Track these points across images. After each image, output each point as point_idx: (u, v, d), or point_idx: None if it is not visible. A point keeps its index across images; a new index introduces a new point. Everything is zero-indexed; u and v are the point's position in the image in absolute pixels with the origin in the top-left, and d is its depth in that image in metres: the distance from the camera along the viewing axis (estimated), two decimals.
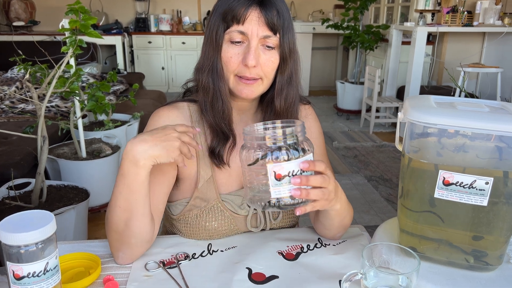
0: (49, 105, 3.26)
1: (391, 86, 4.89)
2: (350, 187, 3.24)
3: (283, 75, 0.92)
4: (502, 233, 0.81)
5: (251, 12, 0.86)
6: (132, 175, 0.80)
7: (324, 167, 0.74)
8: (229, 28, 0.87)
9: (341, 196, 0.86)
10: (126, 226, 0.83)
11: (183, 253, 0.92)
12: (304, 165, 0.70)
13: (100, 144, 2.64)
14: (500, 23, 4.47)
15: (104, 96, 2.51)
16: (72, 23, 1.93)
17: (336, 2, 6.13)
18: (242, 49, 0.88)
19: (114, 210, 0.83)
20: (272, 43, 0.88)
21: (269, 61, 0.89)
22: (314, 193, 0.72)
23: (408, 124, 0.82)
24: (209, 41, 0.91)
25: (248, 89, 0.90)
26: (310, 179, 0.71)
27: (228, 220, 0.97)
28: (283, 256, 0.91)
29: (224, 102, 0.92)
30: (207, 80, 0.91)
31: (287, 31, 0.89)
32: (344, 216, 0.92)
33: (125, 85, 4.35)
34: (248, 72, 0.88)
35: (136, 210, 0.83)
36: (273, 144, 0.69)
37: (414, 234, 0.88)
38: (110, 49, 5.79)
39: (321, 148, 1.06)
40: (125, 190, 0.81)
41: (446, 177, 0.78)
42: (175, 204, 0.99)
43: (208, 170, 0.96)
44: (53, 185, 2.15)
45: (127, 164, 0.79)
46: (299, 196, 0.70)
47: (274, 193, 0.70)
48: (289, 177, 0.69)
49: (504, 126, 0.73)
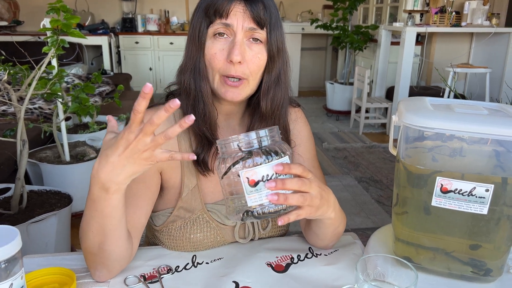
0: (32, 107, 3.17)
1: (380, 86, 4.88)
2: (340, 188, 3.20)
3: (270, 75, 0.86)
4: (502, 243, 0.77)
5: (235, 5, 0.80)
6: (103, 201, 0.70)
7: (302, 169, 0.67)
8: (213, 23, 0.82)
9: (335, 204, 0.80)
10: (100, 249, 0.76)
11: (165, 266, 0.86)
12: (278, 168, 0.64)
13: (84, 147, 2.57)
14: (488, 23, 4.48)
15: (88, 98, 2.44)
16: (53, 23, 1.86)
17: (325, 3, 6.10)
18: (227, 44, 0.82)
19: (86, 234, 0.76)
20: (259, 36, 0.82)
21: (255, 57, 0.83)
22: (293, 198, 0.66)
23: (403, 127, 0.77)
24: (192, 39, 0.85)
25: (233, 91, 0.84)
26: (286, 182, 0.64)
27: (214, 232, 0.91)
28: (272, 268, 0.86)
29: (206, 104, 0.86)
30: (188, 81, 0.85)
31: (275, 28, 0.84)
32: (338, 224, 0.87)
33: (112, 86, 4.27)
34: (233, 70, 0.81)
35: (111, 234, 0.75)
36: (244, 150, 0.65)
37: (410, 243, 0.84)
38: (96, 49, 5.69)
39: (311, 152, 1.01)
40: (97, 215, 0.72)
41: (444, 184, 0.73)
42: (157, 214, 0.93)
43: (193, 179, 0.90)
44: (34, 190, 2.08)
45: (97, 190, 0.69)
46: (276, 201, 0.64)
47: (250, 201, 0.65)
48: (264, 182, 0.64)
49: (507, 130, 0.69)
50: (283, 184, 0.64)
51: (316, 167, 1.01)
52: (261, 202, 0.65)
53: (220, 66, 0.82)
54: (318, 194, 0.71)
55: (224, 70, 0.83)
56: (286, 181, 0.65)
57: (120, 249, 0.78)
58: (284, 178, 0.65)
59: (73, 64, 4.83)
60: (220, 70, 0.83)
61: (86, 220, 0.74)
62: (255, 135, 0.65)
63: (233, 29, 0.81)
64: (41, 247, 1.84)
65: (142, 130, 0.62)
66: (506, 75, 4.38)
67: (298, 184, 0.66)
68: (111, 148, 0.65)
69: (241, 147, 0.65)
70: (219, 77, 0.84)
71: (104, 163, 0.66)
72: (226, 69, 0.82)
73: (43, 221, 1.81)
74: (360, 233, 2.58)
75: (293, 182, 0.66)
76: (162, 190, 0.91)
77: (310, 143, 1.02)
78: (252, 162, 0.64)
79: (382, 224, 2.68)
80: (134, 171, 0.66)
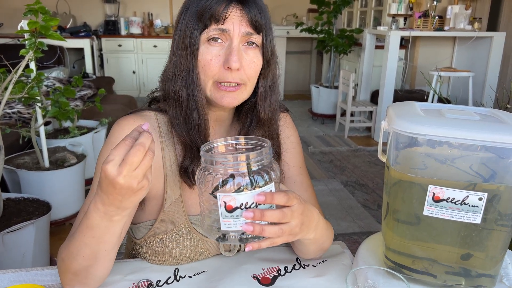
0: (10, 111, 3.07)
1: (365, 90, 4.89)
2: (326, 193, 3.18)
3: (266, 80, 0.83)
4: (495, 252, 0.75)
5: (232, 10, 0.76)
6: (104, 228, 0.68)
7: (286, 199, 0.63)
8: (207, 28, 0.77)
9: (318, 224, 0.76)
10: (87, 272, 0.73)
11: (146, 281, 0.82)
12: (260, 198, 0.60)
13: (64, 153, 2.49)
14: (470, 27, 4.54)
15: (68, 102, 2.37)
16: (31, 25, 1.79)
17: (309, 6, 6.11)
18: (222, 49, 0.78)
19: (75, 258, 0.72)
20: (255, 40, 0.79)
21: (252, 62, 0.79)
22: (269, 231, 0.62)
23: (393, 133, 0.75)
24: (182, 45, 0.79)
25: (229, 96, 0.79)
26: (266, 214, 0.60)
27: (198, 245, 0.87)
28: (258, 281, 0.82)
29: (201, 115, 0.81)
30: (180, 91, 0.80)
31: (269, 31, 0.80)
32: (322, 242, 0.84)
33: (94, 90, 4.18)
34: (230, 76, 0.77)
35: (103, 258, 0.72)
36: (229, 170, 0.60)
37: (401, 253, 0.81)
38: (78, 52, 5.59)
39: (298, 159, 0.98)
40: (93, 242, 0.69)
41: (436, 192, 0.71)
42: (138, 226, 0.88)
43: (176, 189, 0.85)
44: (11, 198, 2.00)
45: (98, 219, 0.67)
46: (251, 232, 0.60)
47: (224, 225, 0.60)
48: (242, 210, 0.60)
49: (500, 136, 0.66)
50: (262, 215, 0.60)
51: (303, 174, 0.98)
52: (235, 229, 0.61)
53: (215, 73, 0.78)
54: (299, 223, 0.67)
55: (219, 77, 0.78)
56: (266, 212, 0.61)
57: (106, 270, 0.76)
58: (264, 209, 0.61)
59: (54, 67, 4.72)
60: (215, 76, 0.78)
61: (77, 246, 0.71)
62: (245, 159, 0.60)
63: (229, 34, 0.77)
64: (18, 258, 1.77)
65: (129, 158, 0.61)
66: (488, 79, 4.44)
67: (279, 217, 0.63)
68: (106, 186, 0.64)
69: (226, 169, 0.60)
70: (212, 83, 0.79)
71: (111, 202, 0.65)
72: (222, 75, 0.78)
73: (20, 230, 1.75)
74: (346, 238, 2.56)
75: (274, 215, 0.62)
76: (143, 201, 0.86)
77: (298, 149, 0.99)
78: (233, 185, 0.59)
79: (368, 228, 2.67)
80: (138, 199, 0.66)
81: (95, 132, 2.80)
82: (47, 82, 3.92)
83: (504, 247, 0.75)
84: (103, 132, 2.90)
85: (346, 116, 4.59)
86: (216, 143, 0.67)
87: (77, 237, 0.70)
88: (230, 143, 0.68)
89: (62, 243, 0.77)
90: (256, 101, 0.85)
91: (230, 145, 0.68)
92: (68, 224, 2.44)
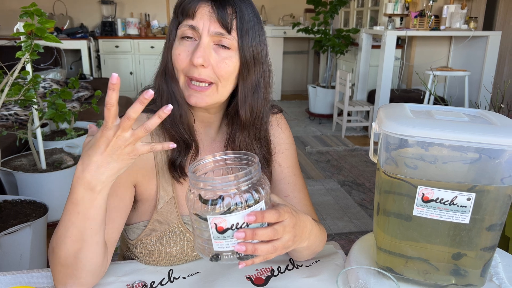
0: (6, 113, 3.08)
1: (362, 90, 4.91)
2: (323, 192, 3.20)
3: (245, 82, 0.83)
4: (485, 251, 0.76)
5: (201, 6, 0.78)
6: (88, 201, 0.68)
7: (277, 216, 0.63)
8: (181, 23, 0.80)
9: (311, 233, 0.76)
10: (76, 259, 0.72)
11: (140, 282, 0.83)
12: (250, 219, 0.60)
13: (61, 155, 2.50)
14: (466, 27, 4.55)
15: (64, 104, 2.37)
16: (27, 27, 1.80)
17: (306, 6, 6.12)
18: (192, 46, 0.79)
19: (62, 241, 0.71)
20: (227, 43, 0.79)
21: (222, 62, 0.79)
22: (262, 249, 0.62)
23: (383, 135, 0.76)
24: (166, 42, 0.84)
25: (197, 96, 0.80)
26: (257, 234, 0.61)
27: (191, 245, 0.88)
28: (251, 282, 0.83)
29: (180, 105, 0.82)
30: (160, 83, 0.83)
31: (248, 35, 0.80)
32: (315, 247, 0.84)
33: (91, 91, 4.19)
34: (197, 72, 0.78)
35: (91, 239, 0.72)
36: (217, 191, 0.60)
37: (392, 252, 0.82)
38: (75, 54, 5.59)
39: (291, 160, 0.98)
40: (79, 219, 0.69)
41: (425, 193, 0.72)
42: (131, 227, 0.89)
43: (169, 189, 0.86)
44: (8, 200, 2.01)
45: (81, 191, 0.67)
46: (244, 252, 0.61)
47: (216, 246, 0.61)
48: (233, 231, 0.60)
49: (488, 138, 0.67)
50: (253, 235, 0.61)
51: (296, 175, 0.98)
52: (228, 249, 0.61)
53: (183, 67, 0.80)
54: (291, 236, 0.67)
55: (187, 71, 0.80)
56: (257, 231, 0.61)
57: (96, 258, 0.74)
58: (255, 228, 0.61)
59: (51, 69, 4.72)
60: (183, 70, 0.80)
61: (64, 226, 0.71)
62: (233, 181, 0.60)
63: (198, 32, 0.78)
64: (15, 260, 1.78)
65: (120, 126, 0.63)
66: (484, 78, 4.45)
67: (270, 235, 0.63)
68: (92, 148, 0.65)
69: (216, 191, 0.60)
70: (184, 79, 0.81)
71: (88, 163, 0.66)
72: (189, 70, 0.79)
73: (17, 232, 1.75)
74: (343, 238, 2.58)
75: (265, 234, 0.62)
76: (136, 202, 0.87)
77: (290, 150, 0.99)
78: (222, 207, 0.59)
79: (365, 228, 2.69)
80: (118, 168, 0.67)
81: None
82: (44, 84, 3.92)
83: (493, 246, 0.76)
84: None
85: (343, 116, 4.60)
86: (203, 161, 0.67)
87: (64, 218, 0.71)
88: (219, 158, 0.68)
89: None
90: (236, 105, 0.85)
91: (219, 160, 0.68)
92: None
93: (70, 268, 0.73)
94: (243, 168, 0.66)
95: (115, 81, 0.60)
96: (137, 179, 0.84)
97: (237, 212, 0.60)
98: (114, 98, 0.62)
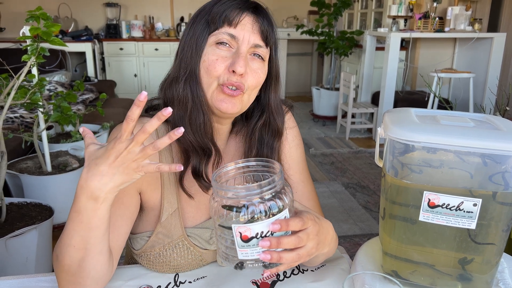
0: (12, 116, 3.10)
1: (366, 91, 4.90)
2: (327, 195, 3.19)
3: (276, 95, 0.86)
4: (491, 257, 0.76)
5: (245, 16, 0.78)
6: (90, 211, 0.68)
7: (301, 224, 0.63)
8: (217, 30, 0.77)
9: (332, 239, 0.76)
10: (79, 267, 0.72)
11: (146, 286, 0.83)
12: (275, 227, 0.60)
13: (66, 157, 2.51)
14: (470, 28, 4.54)
15: (69, 106, 2.39)
16: (33, 31, 1.81)
17: (310, 8, 6.12)
18: (229, 53, 0.78)
19: (66, 249, 0.71)
20: (262, 54, 0.80)
21: (256, 72, 0.79)
22: (287, 257, 0.62)
23: (388, 141, 0.76)
24: (187, 48, 0.80)
25: (229, 101, 0.78)
26: (282, 242, 0.61)
27: (196, 257, 0.87)
28: (257, 286, 0.83)
29: (206, 114, 0.80)
30: (184, 91, 0.79)
31: (277, 48, 0.82)
32: (331, 253, 0.84)
33: (96, 94, 4.20)
34: (234, 78, 0.77)
35: (94, 248, 0.71)
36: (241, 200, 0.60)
37: (398, 257, 0.82)
38: (80, 56, 5.61)
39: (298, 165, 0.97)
40: (82, 228, 0.69)
41: (431, 198, 0.72)
42: (136, 237, 0.88)
43: (173, 201, 0.85)
44: (14, 202, 2.02)
45: (84, 201, 0.67)
46: (269, 260, 0.61)
47: (241, 254, 0.61)
48: (258, 239, 0.60)
49: (494, 143, 0.67)
50: (278, 243, 0.61)
51: (305, 181, 0.97)
52: (252, 258, 0.61)
53: (219, 74, 0.78)
54: (315, 244, 0.67)
55: (223, 79, 0.78)
56: (282, 240, 0.61)
57: (100, 266, 0.74)
58: (280, 236, 0.61)
59: (56, 71, 4.74)
60: (219, 77, 0.78)
61: (68, 234, 0.71)
62: (257, 190, 0.60)
63: (238, 42, 0.78)
64: (21, 262, 1.79)
65: (134, 139, 0.63)
66: (489, 80, 4.44)
67: (295, 243, 0.63)
68: (101, 158, 0.65)
69: (239, 200, 0.60)
70: (217, 86, 0.79)
71: (94, 172, 0.65)
72: (226, 78, 0.77)
73: (23, 235, 1.76)
74: (348, 240, 2.57)
75: (290, 242, 0.62)
76: (142, 210, 0.86)
77: (297, 153, 0.98)
78: (247, 215, 0.59)
79: (369, 230, 2.68)
80: (122, 181, 0.66)
81: (97, 136, 2.82)
82: (49, 86, 3.94)
83: (499, 251, 0.76)
84: (105, 136, 2.92)
85: (347, 118, 4.60)
86: (225, 168, 0.67)
87: (68, 227, 0.71)
88: (241, 166, 0.68)
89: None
90: (269, 115, 0.86)
91: (241, 167, 0.68)
92: None
93: (74, 276, 0.73)
94: (265, 175, 0.66)
95: (143, 98, 0.60)
96: (142, 186, 0.83)
97: (261, 220, 0.60)
98: (137, 114, 0.62)
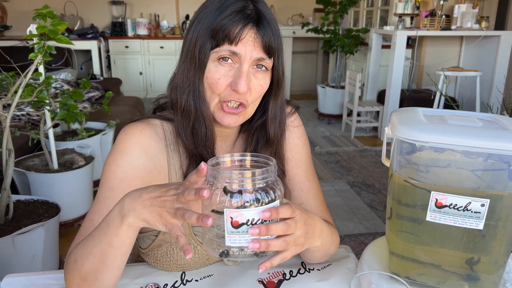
0: (19, 113, 3.12)
1: (372, 90, 4.88)
2: (333, 193, 3.19)
3: (276, 101, 0.84)
4: (498, 257, 0.75)
5: (247, 33, 0.76)
6: (114, 227, 0.68)
7: (290, 211, 0.64)
8: (219, 47, 0.76)
9: (322, 231, 0.76)
10: (95, 279, 0.73)
11: (153, 284, 0.83)
12: (265, 215, 0.60)
13: (73, 155, 2.53)
14: (477, 26, 4.51)
15: (76, 104, 2.40)
16: (39, 29, 1.82)
17: (315, 6, 6.10)
18: (232, 70, 0.77)
19: (87, 257, 0.72)
20: (266, 65, 0.79)
21: (258, 85, 0.79)
22: (275, 244, 0.63)
23: (396, 140, 0.76)
24: (190, 57, 0.79)
25: (231, 118, 0.80)
26: (271, 229, 0.61)
27: (203, 256, 0.88)
28: (263, 285, 0.84)
29: (208, 129, 0.81)
30: (187, 103, 0.80)
31: (281, 53, 0.81)
32: (328, 247, 0.84)
33: (101, 92, 4.22)
34: (236, 96, 0.78)
35: (112, 264, 0.72)
36: (235, 185, 0.61)
37: (405, 257, 0.82)
38: (85, 54, 5.63)
39: (304, 164, 0.97)
40: (105, 241, 0.69)
41: (438, 199, 0.72)
42: (143, 236, 0.88)
43: None
44: (21, 200, 2.03)
45: (116, 212, 0.68)
46: (258, 249, 0.61)
47: (229, 241, 0.61)
48: (248, 226, 0.60)
49: (502, 144, 0.67)
50: (267, 230, 0.61)
51: (310, 180, 0.97)
52: (239, 245, 0.61)
53: (221, 92, 0.78)
54: (303, 232, 0.68)
55: (224, 96, 0.78)
56: (271, 226, 0.62)
57: (115, 279, 0.75)
58: (269, 223, 0.62)
59: (62, 69, 4.76)
60: (221, 95, 0.79)
61: (92, 242, 0.71)
62: (250, 176, 0.61)
63: (240, 58, 0.77)
64: (28, 259, 1.80)
65: (179, 196, 0.61)
66: (496, 79, 4.41)
67: (283, 229, 0.63)
68: (153, 187, 0.66)
69: (232, 184, 0.61)
70: (218, 102, 0.80)
71: (138, 193, 0.66)
72: (227, 95, 0.78)
73: (30, 232, 1.77)
74: (353, 239, 2.57)
75: (278, 228, 0.63)
76: None
77: (303, 153, 0.97)
78: (240, 201, 0.60)
79: (374, 229, 2.68)
80: (144, 217, 0.65)
81: (103, 134, 2.83)
82: (56, 84, 3.96)
83: (507, 252, 0.75)
84: (111, 134, 2.93)
85: (352, 116, 4.58)
86: (222, 158, 0.68)
87: (94, 232, 0.71)
88: (237, 159, 0.68)
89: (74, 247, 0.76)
90: (266, 122, 0.86)
91: (236, 161, 0.69)
92: (77, 225, 2.47)
93: (87, 283, 0.73)
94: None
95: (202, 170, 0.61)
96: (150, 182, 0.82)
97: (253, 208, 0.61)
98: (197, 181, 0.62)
